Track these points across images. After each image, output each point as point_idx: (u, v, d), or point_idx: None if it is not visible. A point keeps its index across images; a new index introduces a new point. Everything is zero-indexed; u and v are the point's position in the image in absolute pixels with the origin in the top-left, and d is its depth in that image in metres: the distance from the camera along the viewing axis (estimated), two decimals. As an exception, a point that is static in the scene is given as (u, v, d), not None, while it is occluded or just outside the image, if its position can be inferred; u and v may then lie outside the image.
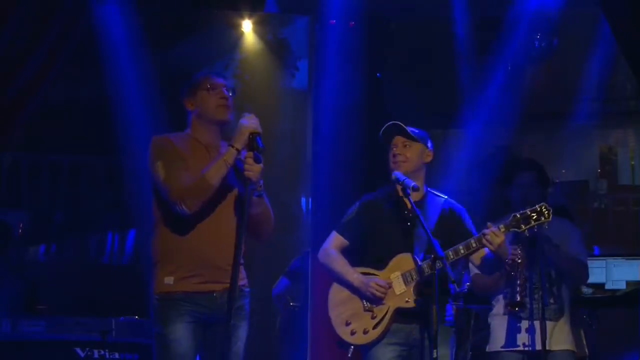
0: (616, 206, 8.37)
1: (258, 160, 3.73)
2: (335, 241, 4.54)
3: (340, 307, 4.44)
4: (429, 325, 4.05)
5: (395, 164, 4.40)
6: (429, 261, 4.14)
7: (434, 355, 3.95)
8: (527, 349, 4.79)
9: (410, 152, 4.41)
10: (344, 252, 4.51)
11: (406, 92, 6.97)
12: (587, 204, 8.27)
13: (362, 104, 6.37)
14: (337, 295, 4.48)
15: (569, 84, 7.68)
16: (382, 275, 4.35)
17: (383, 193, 4.50)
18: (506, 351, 4.86)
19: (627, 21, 5.06)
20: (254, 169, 3.72)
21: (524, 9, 6.67)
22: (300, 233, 7.33)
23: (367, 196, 4.56)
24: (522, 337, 4.81)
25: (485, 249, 4.27)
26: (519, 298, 4.70)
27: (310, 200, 7.01)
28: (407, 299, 4.29)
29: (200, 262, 3.84)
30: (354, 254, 4.50)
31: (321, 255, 4.56)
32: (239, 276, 3.78)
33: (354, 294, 4.40)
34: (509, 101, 6.97)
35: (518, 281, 4.70)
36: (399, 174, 4.32)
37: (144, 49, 6.68)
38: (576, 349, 4.97)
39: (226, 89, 3.97)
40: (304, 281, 6.76)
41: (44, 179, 8.10)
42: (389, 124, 4.45)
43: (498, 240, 4.16)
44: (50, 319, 5.75)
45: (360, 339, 4.34)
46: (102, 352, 5.56)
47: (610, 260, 6.26)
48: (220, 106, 3.93)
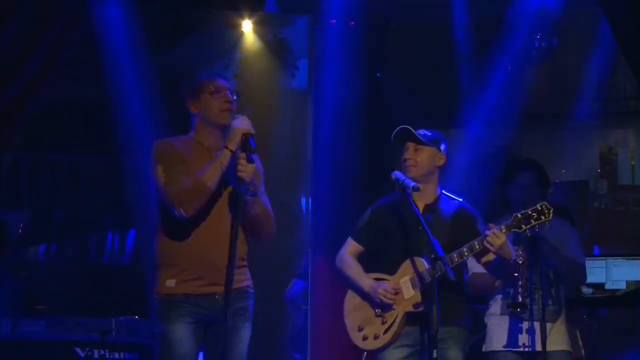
0: (616, 206, 8.36)
1: (251, 160, 3.76)
2: (350, 247, 4.57)
3: (354, 313, 4.48)
4: (442, 326, 4.05)
5: (405, 168, 4.40)
6: (429, 267, 4.14)
7: (434, 356, 3.96)
8: (526, 350, 4.79)
9: (421, 157, 4.40)
10: (360, 257, 4.54)
11: (406, 92, 6.97)
12: (587, 204, 8.26)
13: (362, 104, 6.38)
14: (351, 301, 4.52)
15: (569, 84, 7.67)
16: (392, 280, 4.37)
17: (395, 197, 4.48)
18: (504, 351, 4.86)
19: (627, 21, 5.06)
20: (246, 169, 3.75)
21: (524, 9, 6.67)
22: (300, 233, 7.32)
23: (380, 201, 4.57)
24: (522, 338, 4.81)
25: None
26: (520, 299, 4.70)
27: (310, 200, 7.01)
28: (414, 303, 4.30)
29: (201, 264, 3.85)
30: (369, 259, 4.53)
31: (337, 261, 4.59)
32: (236, 277, 3.79)
33: (365, 300, 4.44)
34: (509, 101, 6.97)
35: (520, 282, 4.69)
36: (399, 174, 4.31)
37: (144, 49, 6.68)
38: (572, 350, 4.98)
39: (230, 92, 3.97)
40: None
41: (44, 179, 8.09)
42: (399, 128, 4.43)
43: (499, 241, 4.15)
44: (50, 319, 5.75)
45: (372, 344, 4.38)
46: (102, 352, 5.56)
47: (610, 260, 6.26)
48: (224, 110, 3.93)
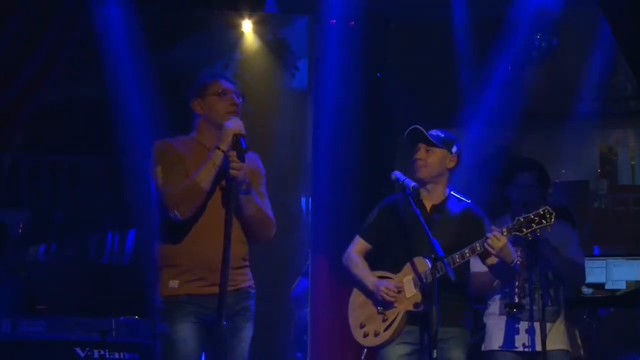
0: (616, 206, 8.36)
1: (242, 159, 3.79)
2: (358, 245, 4.59)
3: (358, 310, 4.51)
4: (443, 326, 4.08)
5: (416, 168, 4.41)
6: (430, 267, 4.15)
7: (434, 356, 3.96)
8: (525, 350, 4.79)
9: (432, 158, 4.41)
10: (368, 255, 4.55)
11: (406, 92, 6.96)
12: (587, 204, 8.26)
13: (362, 104, 6.37)
14: (356, 298, 4.55)
15: (569, 84, 7.67)
16: (396, 278, 4.39)
17: (400, 196, 4.48)
18: (502, 351, 4.86)
19: (627, 21, 5.06)
20: (238, 168, 3.78)
21: (524, 9, 6.66)
22: (300, 233, 7.33)
23: (388, 199, 4.59)
24: (521, 338, 4.81)
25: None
26: (517, 299, 4.69)
27: (310, 200, 7.01)
28: (415, 302, 4.31)
29: (202, 265, 3.85)
30: (375, 257, 4.56)
31: (344, 259, 4.61)
32: (233, 278, 3.80)
33: (368, 297, 4.46)
34: (509, 101, 6.96)
35: (517, 282, 4.69)
36: (398, 174, 4.32)
37: (144, 49, 6.67)
38: (571, 349, 4.98)
39: (236, 94, 3.98)
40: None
41: (44, 179, 8.09)
42: (411, 128, 4.43)
43: (499, 244, 4.15)
44: (50, 319, 5.75)
45: (372, 341, 4.41)
46: (102, 352, 5.56)
47: (610, 260, 6.26)
48: (230, 113, 3.94)
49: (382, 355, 4.38)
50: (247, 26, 7.39)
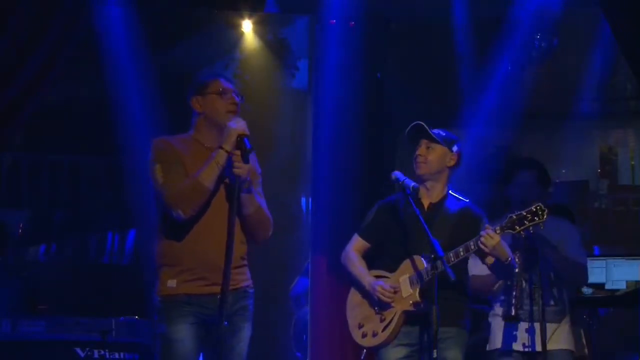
0: (616, 206, 8.36)
1: (246, 160, 3.80)
2: (356, 244, 4.58)
3: (356, 310, 4.50)
4: (435, 325, 4.07)
5: (416, 164, 4.41)
6: (429, 265, 4.15)
7: (434, 356, 3.96)
8: (526, 350, 4.79)
9: (432, 155, 4.41)
10: (366, 253, 4.55)
11: (406, 92, 6.96)
12: (587, 204, 8.26)
13: (362, 104, 6.37)
14: (353, 297, 4.54)
15: (569, 84, 7.67)
16: (393, 278, 4.38)
17: (399, 196, 4.48)
18: (505, 351, 4.86)
19: (627, 21, 5.05)
20: (242, 167, 3.79)
21: (524, 9, 6.66)
22: (300, 233, 7.33)
23: (388, 198, 4.58)
24: (522, 338, 4.80)
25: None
26: (513, 311, 4.67)
27: (310, 200, 7.01)
28: (412, 302, 4.30)
29: (202, 264, 3.85)
30: (373, 256, 4.55)
31: (342, 257, 4.61)
32: (234, 277, 3.80)
33: (365, 297, 4.46)
34: (509, 101, 6.96)
35: (514, 293, 4.66)
36: (398, 174, 4.32)
37: (144, 49, 6.67)
38: (575, 349, 4.96)
39: (235, 94, 3.98)
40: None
41: (44, 179, 8.09)
42: (413, 124, 4.43)
43: (492, 242, 4.15)
44: (50, 319, 5.75)
45: (370, 342, 4.40)
46: (102, 352, 5.56)
47: (610, 260, 6.26)
48: (230, 112, 3.94)
49: (382, 356, 4.38)
50: (247, 26, 7.39)
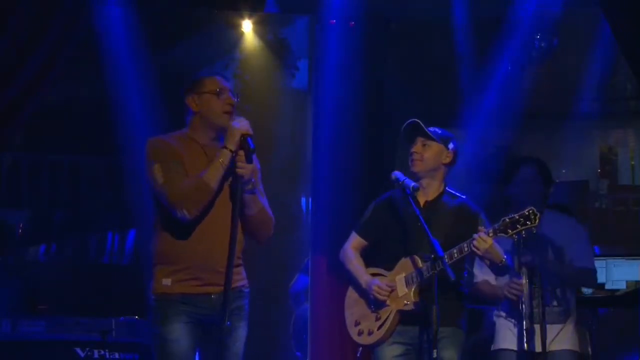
0: (616, 206, 8.36)
1: (250, 160, 3.80)
2: (354, 241, 4.59)
3: (353, 308, 4.52)
4: (431, 326, 4.08)
5: (411, 162, 4.41)
6: (428, 264, 4.15)
7: (434, 356, 3.96)
8: (530, 350, 4.76)
9: (428, 152, 4.41)
10: (363, 251, 4.56)
11: (406, 92, 6.96)
12: (587, 204, 8.25)
13: (362, 104, 6.37)
14: (351, 295, 4.55)
15: (569, 84, 7.67)
16: (389, 276, 4.39)
17: (396, 193, 4.49)
18: (509, 350, 4.85)
19: (627, 21, 5.05)
20: (245, 167, 3.79)
21: (524, 9, 6.66)
22: (300, 233, 7.33)
23: (384, 195, 4.58)
24: (525, 339, 4.79)
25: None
26: (526, 347, 4.65)
27: (310, 200, 7.01)
28: (407, 301, 4.30)
29: (198, 264, 3.84)
30: (370, 254, 4.56)
31: (340, 255, 4.62)
32: (232, 277, 3.80)
33: (362, 295, 4.47)
34: (509, 101, 6.96)
35: (524, 327, 4.64)
36: (398, 174, 4.32)
37: (144, 49, 6.67)
38: (579, 349, 4.94)
39: (232, 93, 3.97)
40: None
41: (44, 179, 8.09)
42: (409, 121, 4.43)
43: (485, 245, 4.14)
44: (50, 319, 5.75)
45: (366, 340, 4.42)
46: (102, 352, 5.56)
47: (610, 260, 6.26)
48: (226, 112, 3.93)
49: (377, 354, 4.39)
50: (247, 26, 7.39)
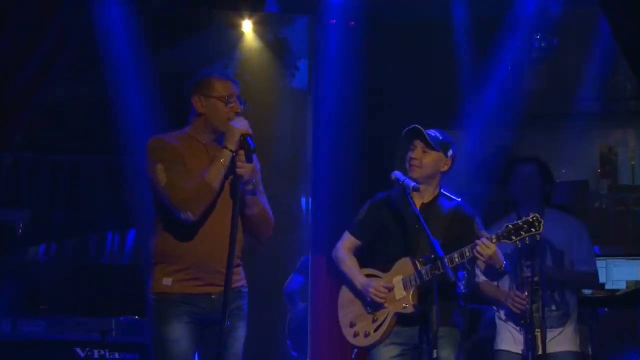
0: (616, 206, 8.36)
1: (250, 159, 3.79)
2: (347, 241, 4.57)
3: (347, 308, 4.50)
4: (429, 326, 4.09)
5: (409, 167, 4.39)
6: (429, 266, 4.14)
7: (434, 356, 3.96)
8: (531, 352, 4.76)
9: (427, 159, 4.39)
10: (357, 251, 4.54)
11: (406, 92, 6.96)
12: (587, 204, 8.25)
13: (362, 104, 6.37)
14: (345, 295, 4.53)
15: (569, 84, 7.67)
16: (385, 278, 4.37)
17: (393, 194, 4.48)
18: (509, 352, 4.84)
19: (627, 21, 5.05)
20: (245, 167, 3.78)
21: (524, 9, 6.66)
22: (300, 233, 7.33)
23: (379, 195, 4.57)
24: (526, 340, 4.79)
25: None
26: (525, 350, 4.67)
27: (310, 200, 7.01)
28: (405, 304, 4.29)
29: (199, 264, 3.84)
30: (364, 254, 4.54)
31: (333, 255, 4.61)
32: (232, 278, 3.79)
33: (358, 296, 4.45)
34: (509, 101, 6.97)
35: (529, 335, 4.65)
36: (398, 174, 4.31)
37: (144, 49, 6.68)
38: (580, 349, 4.94)
39: (239, 99, 3.94)
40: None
41: (44, 179, 8.09)
42: (411, 127, 4.40)
43: (489, 251, 4.14)
44: (50, 319, 5.75)
45: (362, 341, 4.40)
46: (102, 352, 5.57)
47: (610, 260, 6.26)
48: (230, 119, 3.88)
49: (373, 356, 4.37)
50: (247, 26, 7.40)
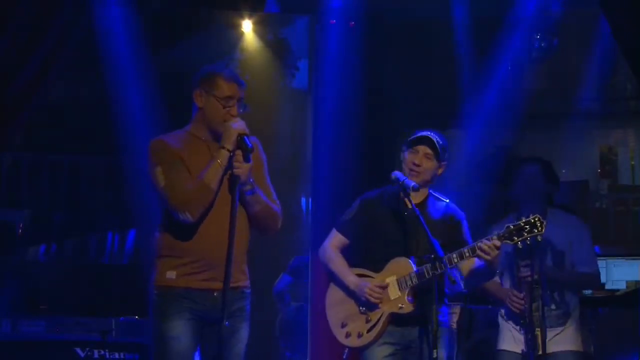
0: (616, 206, 8.36)
1: (247, 159, 3.79)
2: (334, 239, 4.53)
3: (337, 307, 4.45)
4: (425, 326, 4.12)
5: (410, 172, 4.35)
6: (429, 265, 4.13)
7: (434, 356, 3.96)
8: (532, 352, 4.77)
9: (429, 165, 4.36)
10: (344, 250, 4.51)
11: (406, 92, 6.97)
12: (587, 204, 8.25)
13: (362, 104, 6.38)
14: (334, 294, 4.49)
15: (569, 84, 7.68)
16: (377, 278, 4.33)
17: (385, 192, 4.47)
18: (510, 352, 4.84)
19: (627, 21, 5.05)
20: (242, 167, 3.78)
21: (524, 9, 6.67)
22: (300, 233, 7.33)
23: (368, 194, 4.53)
24: (527, 339, 4.79)
25: (475, 259, 4.24)
26: (525, 350, 4.67)
27: (310, 200, 7.01)
28: (401, 304, 4.27)
29: (204, 260, 3.84)
30: (353, 253, 4.49)
31: (320, 254, 4.57)
32: (234, 276, 3.80)
33: (350, 296, 4.40)
34: (509, 101, 6.97)
35: (529, 335, 4.66)
36: (399, 174, 4.30)
37: (144, 49, 6.68)
38: (583, 349, 4.93)
39: (240, 102, 3.93)
40: (307, 278, 6.75)
41: (44, 179, 8.10)
42: (424, 134, 4.36)
43: (495, 252, 4.10)
44: (50, 319, 5.76)
45: (355, 342, 4.35)
46: (102, 352, 5.57)
47: (610, 260, 6.26)
48: (226, 121, 3.87)
49: (367, 356, 4.33)
50: (247, 26, 7.40)
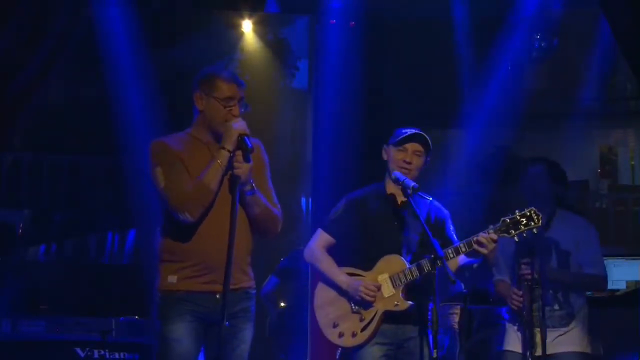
0: (616, 206, 8.36)
1: (247, 159, 3.78)
2: (320, 239, 4.47)
3: (328, 308, 4.40)
4: (419, 323, 4.14)
5: (403, 168, 4.34)
6: (427, 260, 4.12)
7: (434, 355, 3.95)
8: (535, 353, 4.76)
9: (418, 162, 4.37)
10: (330, 249, 4.46)
11: (406, 92, 6.97)
12: (587, 204, 8.26)
13: (362, 104, 6.38)
14: (324, 294, 4.43)
15: (569, 84, 7.68)
16: (369, 276, 4.30)
17: (371, 191, 4.45)
18: (512, 352, 4.84)
19: (627, 21, 5.06)
20: (242, 167, 3.77)
21: (524, 8, 6.67)
22: (300, 233, 7.33)
23: (355, 193, 4.50)
24: (529, 340, 4.78)
25: (459, 257, 4.23)
26: (525, 350, 4.67)
27: (310, 200, 7.01)
28: (396, 302, 4.24)
29: (204, 263, 3.83)
30: (340, 253, 4.44)
31: (306, 254, 4.51)
32: (236, 277, 3.80)
33: (341, 295, 4.35)
34: (509, 101, 6.97)
35: (526, 334, 4.65)
36: (399, 174, 4.29)
37: (144, 49, 6.69)
38: (588, 350, 4.90)
39: (241, 102, 3.93)
40: (294, 280, 6.74)
41: (44, 179, 8.10)
42: (416, 132, 4.37)
43: (493, 245, 4.10)
44: (50, 319, 5.76)
45: (348, 342, 4.31)
46: (102, 352, 5.57)
47: (610, 260, 6.25)
48: (227, 121, 3.86)
49: (360, 356, 4.29)
50: (247, 26, 7.41)
